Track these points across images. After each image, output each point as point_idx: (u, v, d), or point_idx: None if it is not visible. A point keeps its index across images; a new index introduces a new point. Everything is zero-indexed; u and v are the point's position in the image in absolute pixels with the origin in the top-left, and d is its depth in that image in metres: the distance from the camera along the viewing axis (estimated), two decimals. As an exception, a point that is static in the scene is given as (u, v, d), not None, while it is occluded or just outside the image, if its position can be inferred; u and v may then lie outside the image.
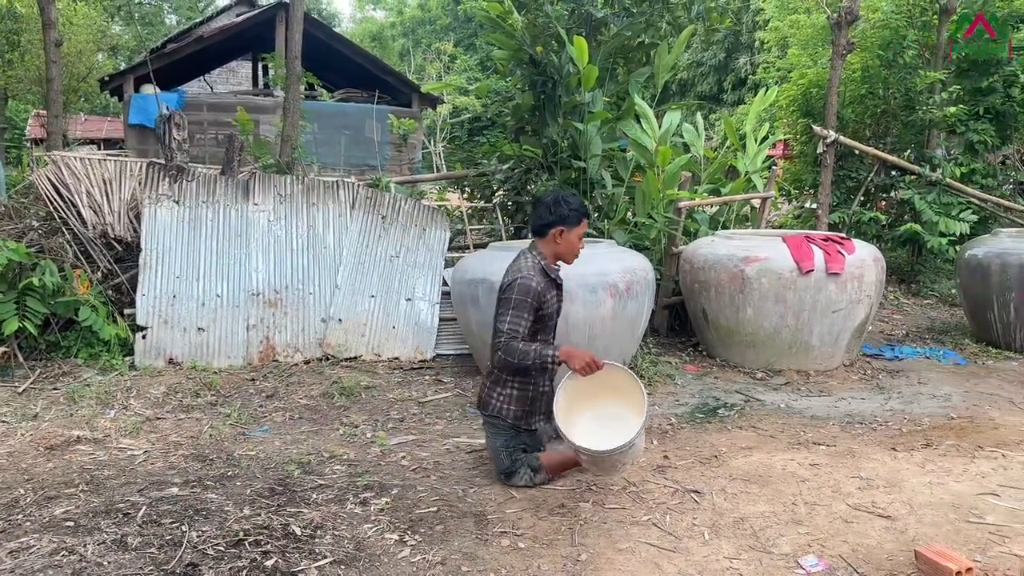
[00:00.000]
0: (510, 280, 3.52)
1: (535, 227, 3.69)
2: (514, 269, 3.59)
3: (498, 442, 3.70)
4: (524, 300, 3.45)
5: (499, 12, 7.08)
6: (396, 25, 40.81)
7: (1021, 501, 3.50)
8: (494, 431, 3.72)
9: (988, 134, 9.52)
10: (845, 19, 8.53)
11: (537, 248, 3.68)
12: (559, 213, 3.59)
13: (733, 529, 3.23)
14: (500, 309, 3.52)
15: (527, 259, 3.63)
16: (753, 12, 18.96)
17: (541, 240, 3.67)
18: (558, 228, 3.60)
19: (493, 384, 3.72)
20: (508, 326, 3.44)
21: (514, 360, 3.41)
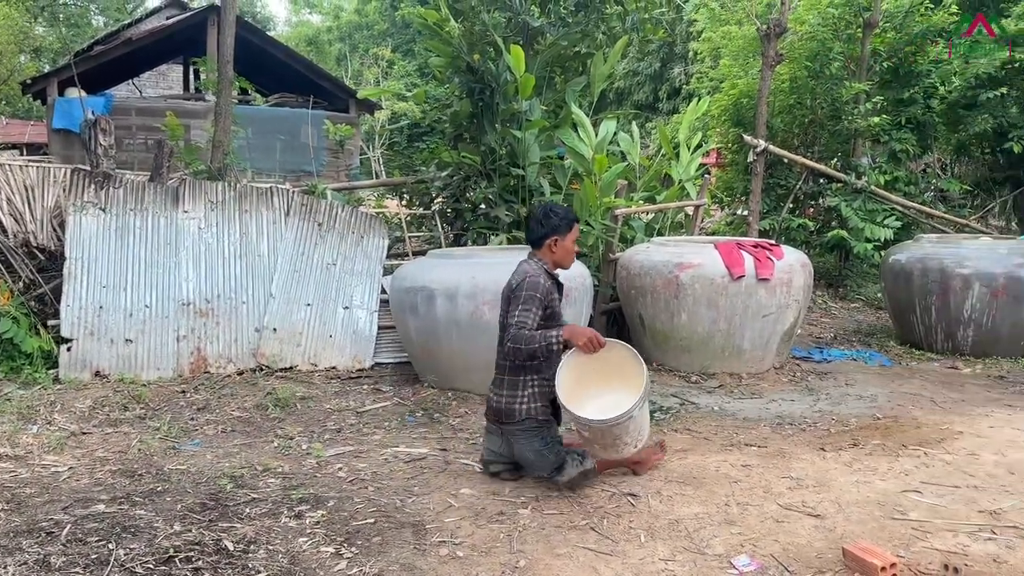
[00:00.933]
0: (519, 280, 3.66)
1: (531, 240, 3.87)
2: (520, 272, 3.74)
3: (536, 444, 3.69)
4: (533, 295, 3.59)
5: (436, 19, 7.07)
6: (333, 29, 40.33)
7: (942, 497, 3.65)
8: (529, 435, 3.70)
9: (910, 143, 9.92)
10: (774, 31, 8.78)
11: (536, 257, 3.83)
12: (551, 224, 3.77)
13: (668, 531, 3.28)
14: (510, 307, 3.63)
15: (531, 264, 3.77)
16: (686, 23, 19.34)
17: (538, 251, 3.84)
18: (552, 238, 3.78)
19: (511, 390, 3.73)
20: (518, 319, 3.56)
21: (521, 346, 3.50)
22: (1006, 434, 4.59)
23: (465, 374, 5.38)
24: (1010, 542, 3.15)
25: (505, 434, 3.76)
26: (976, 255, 6.60)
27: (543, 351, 3.53)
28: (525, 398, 3.70)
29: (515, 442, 3.73)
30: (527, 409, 3.69)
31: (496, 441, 3.82)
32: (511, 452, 3.77)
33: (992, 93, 9.50)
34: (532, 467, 3.74)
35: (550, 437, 3.72)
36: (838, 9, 10.16)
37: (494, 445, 3.84)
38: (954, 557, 3.01)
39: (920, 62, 9.93)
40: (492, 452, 3.86)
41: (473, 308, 5.16)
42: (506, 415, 3.72)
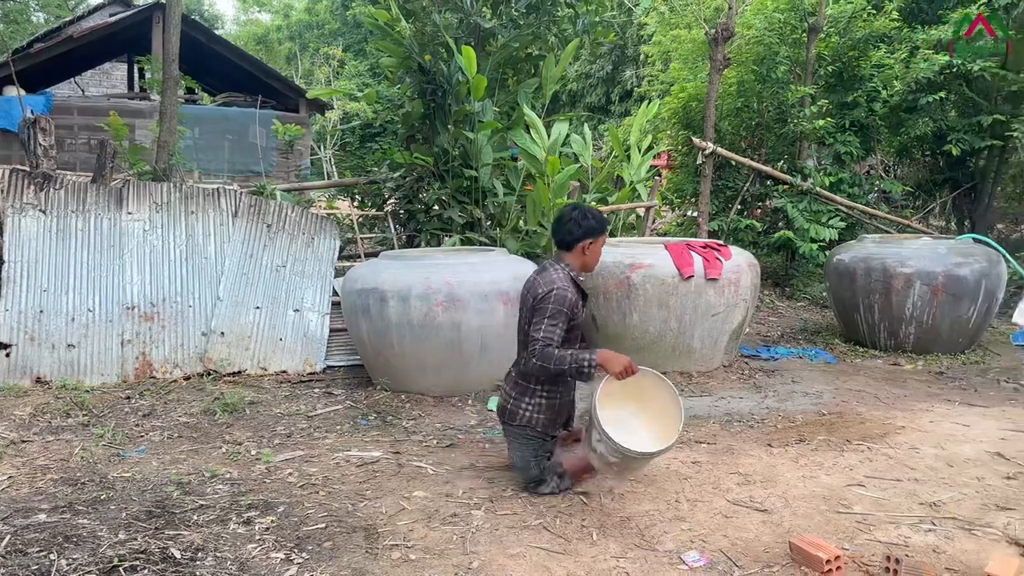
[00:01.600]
0: (546, 291, 3.53)
1: (564, 241, 3.71)
2: (547, 280, 3.59)
3: (527, 452, 3.68)
4: (560, 310, 3.49)
5: (387, 19, 7.03)
6: (282, 28, 39.80)
7: (885, 491, 3.75)
8: (523, 442, 3.70)
9: (854, 146, 10.17)
10: (721, 35, 8.94)
11: (563, 260, 3.71)
12: (587, 226, 3.65)
13: (620, 528, 3.31)
14: (536, 317, 3.52)
15: (557, 271, 3.64)
16: (637, 27, 19.56)
17: (568, 253, 3.70)
18: (587, 240, 3.67)
19: (520, 395, 3.70)
20: (543, 334, 3.46)
21: (550, 366, 3.43)
22: (945, 428, 4.74)
23: (419, 376, 5.36)
24: (949, 533, 3.26)
25: (506, 432, 3.80)
26: (917, 255, 6.79)
27: (572, 373, 3.47)
28: (530, 407, 3.67)
29: (511, 442, 3.78)
30: (528, 418, 3.67)
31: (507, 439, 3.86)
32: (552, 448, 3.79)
33: (932, 97, 9.79)
34: (517, 470, 3.78)
35: (542, 451, 3.70)
36: (784, 14, 10.37)
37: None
38: (896, 548, 3.09)
39: (863, 66, 10.18)
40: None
41: (427, 310, 5.14)
42: (508, 416, 3.73)
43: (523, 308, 3.73)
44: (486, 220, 7.37)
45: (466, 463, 4.15)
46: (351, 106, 18.19)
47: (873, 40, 10.25)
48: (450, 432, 4.71)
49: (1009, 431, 4.68)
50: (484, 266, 5.48)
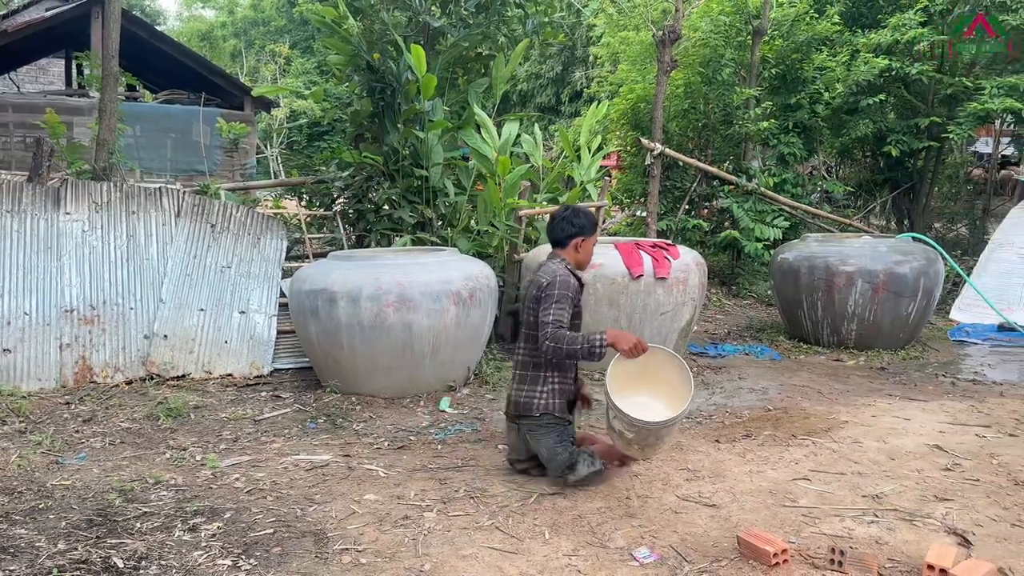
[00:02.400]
0: (549, 279, 3.68)
1: (557, 239, 3.89)
2: (549, 271, 3.75)
3: (551, 440, 3.73)
4: (566, 294, 3.65)
5: (334, 17, 6.93)
6: (227, 25, 39.01)
7: (829, 484, 3.84)
8: (544, 431, 3.75)
9: (797, 147, 10.40)
10: (668, 37, 9.04)
11: (559, 256, 3.87)
12: (579, 224, 3.85)
13: (572, 527, 3.32)
14: (543, 305, 3.64)
15: (556, 264, 3.81)
16: (586, 27, 19.69)
17: (562, 250, 3.88)
18: (579, 238, 3.86)
19: (531, 385, 3.78)
20: (553, 316, 3.59)
21: (563, 346, 3.53)
22: (887, 422, 4.87)
23: (369, 378, 5.30)
24: (891, 524, 3.35)
25: (521, 429, 3.83)
26: (858, 253, 6.97)
27: (584, 352, 3.56)
28: (544, 394, 3.76)
29: (531, 438, 3.79)
30: (544, 404, 3.75)
31: (515, 438, 3.90)
32: (526, 448, 3.85)
33: (872, 99, 10.06)
34: (548, 463, 3.77)
35: (565, 435, 3.77)
36: (729, 17, 10.55)
37: (512, 440, 3.93)
38: (840, 541, 3.16)
39: (806, 69, 10.42)
40: (513, 449, 3.95)
41: (377, 310, 5.09)
42: (523, 408, 3.78)
43: (527, 303, 3.84)
44: (437, 220, 7.33)
45: (418, 465, 4.12)
46: (298, 104, 17.94)
47: (815, 43, 10.50)
48: (402, 434, 4.67)
49: (947, 424, 4.84)
50: (435, 266, 5.45)
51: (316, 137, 12.28)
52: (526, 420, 3.78)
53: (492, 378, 5.77)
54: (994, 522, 3.39)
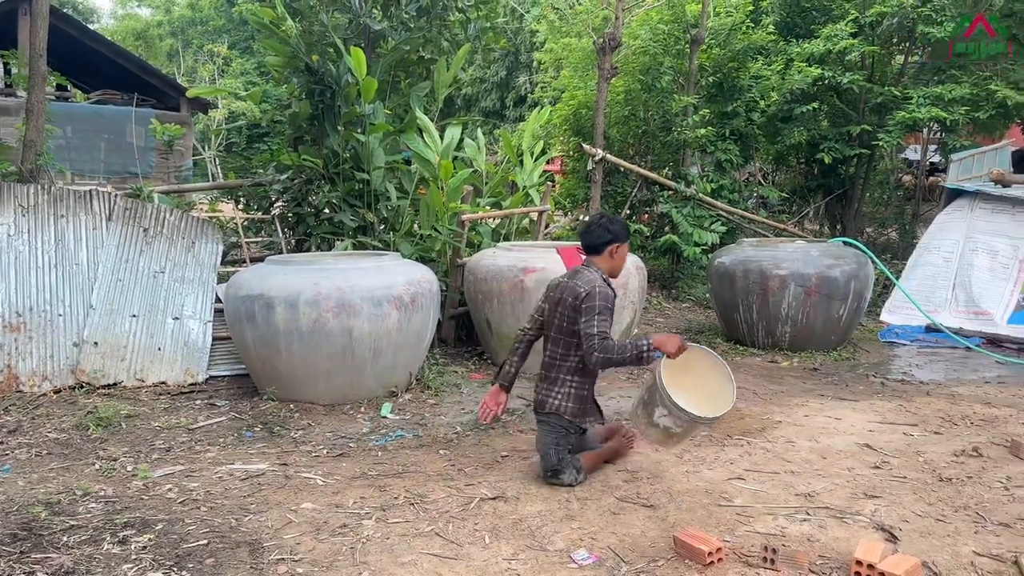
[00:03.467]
0: (588, 290, 3.77)
1: (593, 245, 3.99)
2: (586, 281, 3.83)
3: (548, 439, 3.88)
4: (606, 306, 3.76)
5: (272, 18, 6.82)
6: (164, 24, 38.10)
7: (763, 483, 3.92)
8: (547, 429, 3.92)
9: (733, 153, 10.61)
10: (609, 44, 9.15)
11: (594, 264, 3.97)
12: (615, 231, 3.96)
13: (512, 530, 3.32)
14: (585, 316, 3.73)
15: (591, 273, 3.90)
16: (530, 33, 19.80)
17: (597, 257, 3.98)
18: (615, 245, 3.96)
19: (550, 385, 3.95)
20: (598, 329, 3.69)
21: (614, 355, 3.64)
22: (819, 422, 5.01)
23: (308, 384, 5.22)
24: (822, 522, 3.44)
25: (537, 421, 4.01)
26: (792, 257, 7.15)
27: (632, 359, 3.66)
28: (560, 395, 3.92)
29: (539, 428, 3.99)
30: (557, 405, 3.91)
31: None
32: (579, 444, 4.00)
33: (805, 108, 10.34)
34: (541, 459, 3.94)
35: (564, 441, 3.90)
36: (668, 25, 10.71)
37: None
38: (773, 539, 3.24)
39: (742, 77, 10.64)
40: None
41: (316, 316, 5.01)
42: (538, 404, 3.99)
43: (557, 308, 3.93)
44: (379, 224, 7.26)
45: (357, 472, 4.07)
46: (237, 105, 17.60)
47: (751, 52, 10.74)
48: (341, 441, 4.61)
49: (876, 423, 5.00)
50: (377, 271, 5.40)
51: (256, 139, 12.05)
52: (538, 413, 4.00)
53: (435, 383, 5.74)
54: (920, 518, 3.51)
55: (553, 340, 3.95)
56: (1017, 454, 4.37)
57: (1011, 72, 10.08)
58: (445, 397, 5.57)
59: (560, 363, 3.93)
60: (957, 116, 9.60)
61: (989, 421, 5.08)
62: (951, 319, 8.05)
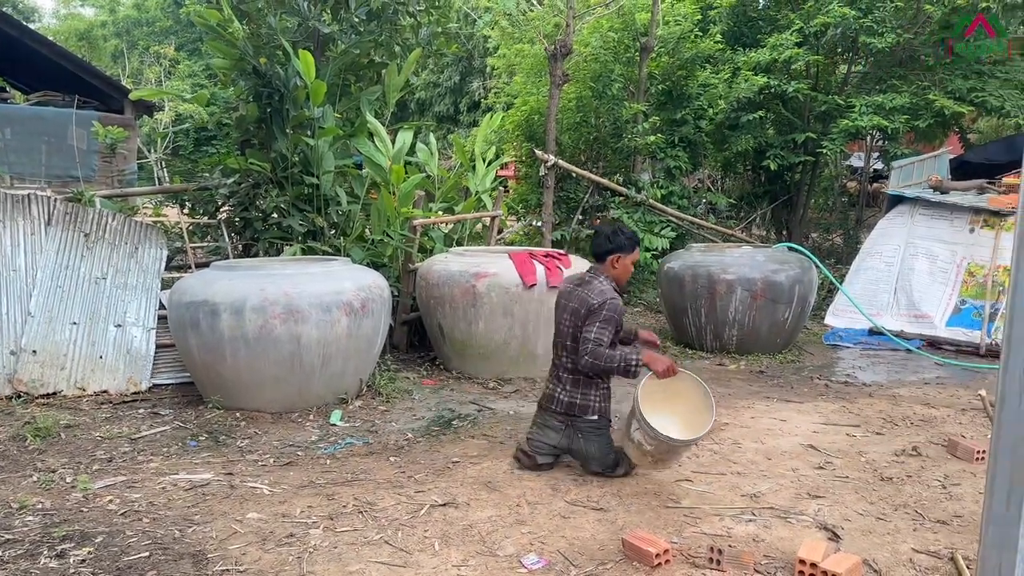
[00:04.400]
0: (600, 300, 3.93)
1: (596, 253, 4.16)
2: (599, 291, 3.99)
3: (603, 441, 4.06)
4: (613, 316, 3.92)
5: (219, 20, 6.71)
6: (108, 24, 37.20)
7: (710, 484, 3.98)
8: (598, 433, 4.06)
9: (683, 160, 10.78)
10: (560, 52, 9.21)
11: (600, 272, 4.12)
12: (617, 242, 4.09)
13: (462, 536, 3.31)
14: (588, 322, 3.92)
15: (602, 282, 4.07)
16: (482, 38, 19.82)
17: (600, 264, 4.14)
18: (615, 255, 4.10)
19: (586, 389, 4.08)
20: (595, 335, 3.88)
21: (601, 363, 3.84)
22: (764, 423, 5.10)
23: (254, 392, 5.13)
24: (767, 522, 3.50)
25: (573, 427, 4.07)
26: (738, 262, 7.28)
27: (620, 370, 3.84)
28: (598, 398, 4.08)
29: (585, 437, 4.06)
30: (599, 408, 4.08)
31: (554, 436, 4.11)
32: (568, 445, 4.09)
33: (752, 116, 10.55)
34: (593, 461, 4.05)
35: (609, 437, 4.09)
36: (618, 34, 10.84)
37: (550, 439, 4.11)
38: (720, 539, 3.28)
39: (690, 86, 10.82)
40: (547, 445, 4.12)
41: (262, 322, 4.93)
42: (580, 410, 4.06)
43: (566, 314, 4.10)
44: (329, 229, 7.18)
45: (305, 481, 4.01)
46: (184, 108, 17.25)
47: (699, 61, 10.93)
48: (289, 449, 4.54)
49: (820, 424, 5.11)
50: (326, 276, 5.34)
51: (203, 142, 11.80)
52: (583, 421, 4.06)
53: (386, 389, 5.70)
54: (861, 516, 3.59)
55: (570, 348, 4.08)
56: (954, 453, 4.51)
57: (948, 82, 10.42)
58: (396, 403, 5.53)
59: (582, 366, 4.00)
60: (898, 124, 9.90)
61: (928, 421, 5.23)
62: (893, 322, 8.28)
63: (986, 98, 10.16)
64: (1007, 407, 1.97)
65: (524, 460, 4.14)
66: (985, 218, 8.26)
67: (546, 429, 4.14)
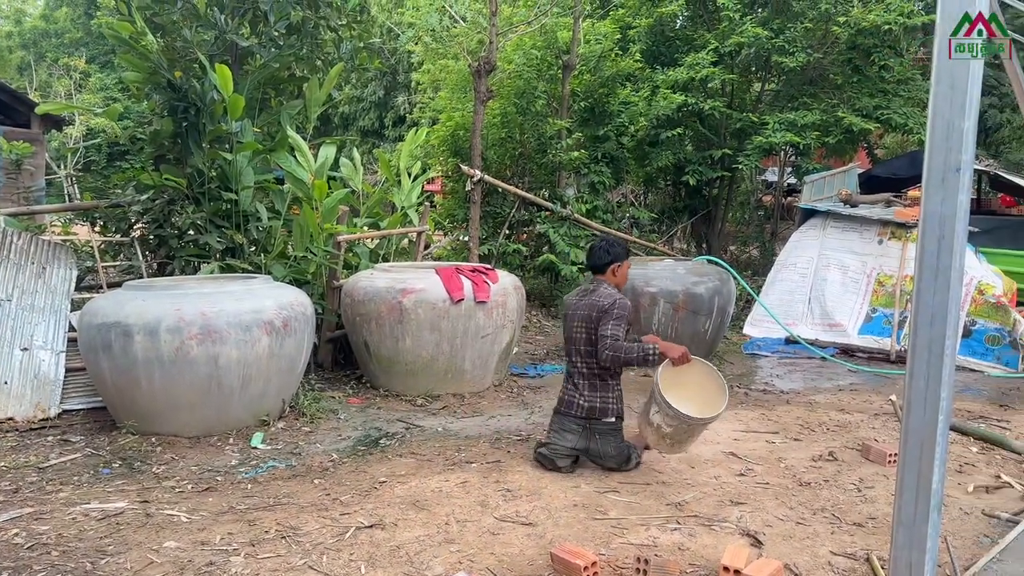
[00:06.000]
0: (610, 302, 4.34)
1: (596, 266, 4.59)
2: (607, 295, 4.40)
3: (618, 440, 4.40)
4: (624, 314, 4.32)
5: (131, 33, 6.50)
6: (14, 35, 35.61)
7: (636, 495, 4.02)
8: (614, 433, 4.40)
9: (606, 176, 10.95)
10: (484, 68, 9.26)
11: (602, 281, 4.54)
12: (615, 252, 4.57)
13: (389, 558, 3.26)
14: (602, 322, 4.29)
15: (606, 288, 4.47)
16: (406, 53, 19.78)
17: (602, 275, 4.57)
18: (615, 264, 4.56)
19: (603, 392, 4.41)
20: (611, 331, 4.25)
21: (622, 355, 4.19)
22: (688, 432, 5.18)
23: (171, 416, 4.94)
24: (692, 530, 3.56)
25: (590, 430, 4.38)
26: (660, 275, 7.43)
27: (639, 359, 4.18)
28: (613, 400, 4.41)
29: (601, 437, 4.37)
30: (614, 409, 4.41)
31: (572, 438, 4.39)
32: (585, 446, 4.38)
33: (671, 132, 10.82)
34: (609, 459, 4.37)
35: (623, 436, 4.43)
36: (540, 51, 10.97)
37: (568, 442, 4.39)
38: (646, 549, 3.32)
39: (612, 103, 11.03)
40: (566, 448, 4.39)
41: (178, 344, 4.76)
42: (600, 412, 4.38)
43: (576, 322, 4.45)
44: (249, 246, 7.00)
45: (225, 506, 3.88)
46: (96, 122, 16.64)
47: (620, 79, 11.15)
48: (208, 475, 4.39)
49: (741, 432, 5.24)
50: (245, 295, 5.19)
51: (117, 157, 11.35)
52: (600, 423, 4.38)
53: (310, 410, 5.57)
54: (781, 522, 3.69)
55: (585, 353, 4.41)
56: (868, 457, 4.69)
57: (856, 100, 10.92)
58: (321, 424, 5.42)
59: (601, 372, 4.39)
60: (809, 141, 10.31)
61: (843, 426, 5.43)
62: (808, 331, 8.58)
63: (891, 115, 10.69)
64: (913, 413, 2.06)
65: (545, 463, 4.42)
66: (892, 230, 8.66)
67: (564, 433, 4.42)
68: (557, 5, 11.31)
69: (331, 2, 7.64)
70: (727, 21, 10.78)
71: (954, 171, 1.95)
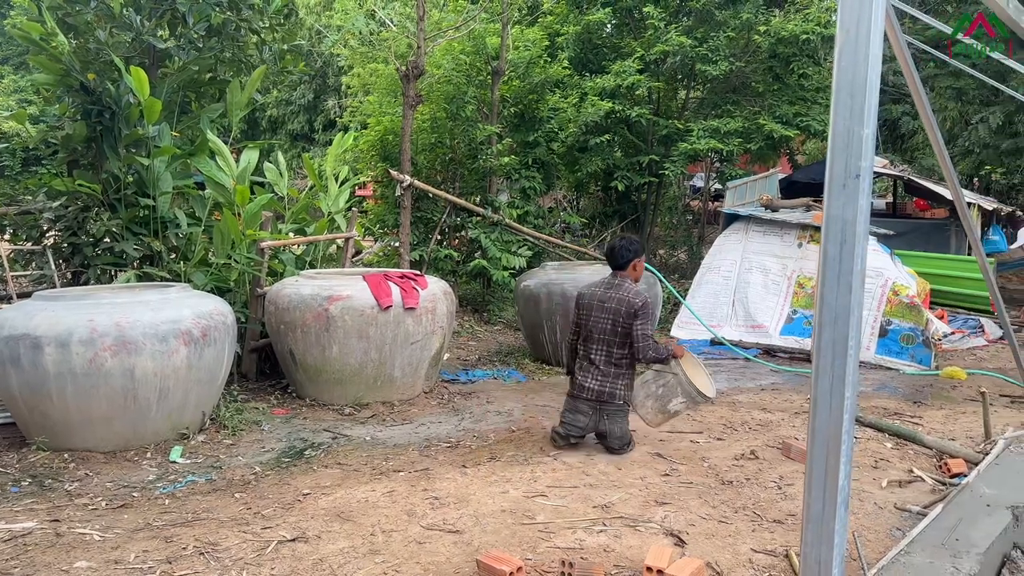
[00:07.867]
0: (642, 301, 4.77)
1: (620, 263, 4.96)
2: (635, 292, 4.84)
3: (624, 423, 4.84)
4: (654, 312, 4.68)
5: (41, 34, 6.23)
6: (-84, 34, 33.81)
7: (564, 498, 4.04)
8: (622, 416, 4.83)
9: (537, 181, 11.02)
10: (412, 73, 9.21)
11: (624, 277, 4.94)
12: (635, 249, 4.99)
13: (312, 572, 3.19)
14: (639, 321, 4.72)
15: (630, 284, 4.92)
16: (332, 55, 19.53)
17: (623, 272, 4.96)
18: (636, 259, 4.99)
19: (614, 380, 4.82)
20: (648, 331, 4.76)
21: (656, 354, 4.73)
22: (616, 435, 5.23)
23: (84, 431, 4.74)
24: (618, 532, 3.59)
25: (600, 411, 4.80)
26: (590, 279, 7.45)
27: (663, 358, 4.75)
28: (622, 387, 4.83)
29: (610, 419, 4.79)
30: (623, 395, 4.83)
31: (583, 419, 4.83)
32: (595, 426, 4.82)
33: (600, 139, 10.97)
34: (614, 439, 4.79)
35: (628, 420, 4.87)
36: (469, 57, 10.98)
37: (580, 422, 4.84)
38: (572, 552, 3.33)
39: (541, 109, 11.11)
40: (578, 427, 4.85)
41: (92, 356, 4.57)
42: (609, 396, 4.79)
43: (604, 314, 4.81)
44: (168, 253, 6.79)
45: (141, 523, 3.75)
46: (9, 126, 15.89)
47: (549, 85, 11.25)
48: (123, 491, 4.23)
49: (666, 432, 5.32)
50: (162, 304, 5.03)
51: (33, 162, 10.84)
52: (610, 405, 4.78)
53: (232, 422, 5.42)
54: (704, 520, 3.76)
55: (606, 342, 4.81)
56: (788, 455, 4.82)
57: (776, 108, 11.27)
58: (244, 436, 5.28)
59: (618, 360, 4.79)
60: (732, 147, 10.59)
61: (765, 425, 5.57)
62: (732, 332, 8.79)
63: (810, 122, 11.07)
64: (819, 411, 2.12)
65: (559, 441, 4.89)
66: (811, 233, 8.95)
67: (577, 414, 4.85)
68: (485, 11, 11.33)
69: (253, 4, 7.48)
70: (652, 30, 10.99)
71: (854, 177, 2.02)
